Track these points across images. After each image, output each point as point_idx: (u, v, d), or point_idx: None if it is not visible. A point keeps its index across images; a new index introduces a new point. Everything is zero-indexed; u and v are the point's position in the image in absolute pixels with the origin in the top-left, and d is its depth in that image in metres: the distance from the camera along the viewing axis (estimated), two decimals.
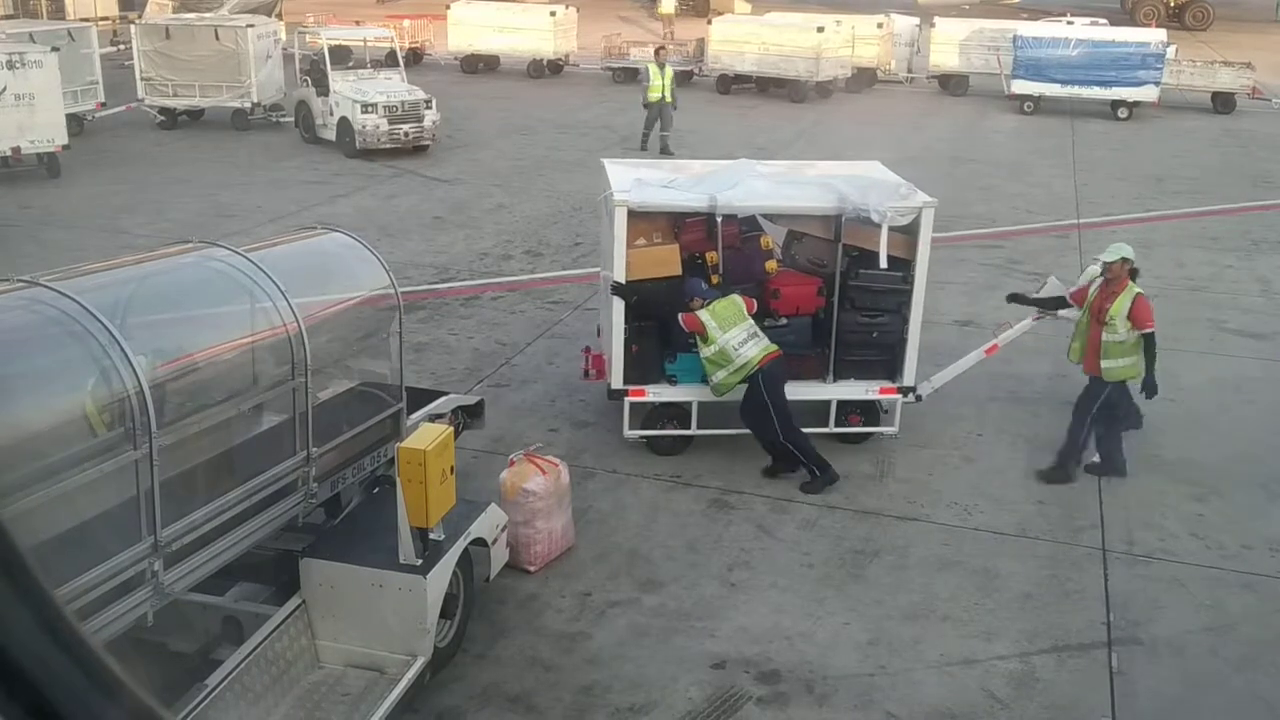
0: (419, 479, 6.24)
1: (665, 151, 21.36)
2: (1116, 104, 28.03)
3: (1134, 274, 9.20)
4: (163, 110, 24.24)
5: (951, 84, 31.14)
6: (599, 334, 10.54)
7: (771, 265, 9.74)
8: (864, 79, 31.17)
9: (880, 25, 31.68)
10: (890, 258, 9.35)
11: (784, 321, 9.58)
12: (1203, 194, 20.36)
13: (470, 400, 9.06)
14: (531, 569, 7.90)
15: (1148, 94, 27.86)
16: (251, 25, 24.52)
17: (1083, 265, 15.43)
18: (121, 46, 30.43)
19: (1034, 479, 9.45)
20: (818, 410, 9.71)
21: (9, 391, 5.09)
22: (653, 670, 6.91)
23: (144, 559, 5.38)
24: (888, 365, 9.82)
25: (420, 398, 8.42)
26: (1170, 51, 28.64)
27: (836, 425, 9.73)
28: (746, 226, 9.91)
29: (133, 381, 5.23)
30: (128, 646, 5.46)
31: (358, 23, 31.46)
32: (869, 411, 9.92)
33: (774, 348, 8.96)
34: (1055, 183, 21.02)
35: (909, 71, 32.76)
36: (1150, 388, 9.23)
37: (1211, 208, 19.29)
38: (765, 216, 10.12)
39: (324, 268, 7.66)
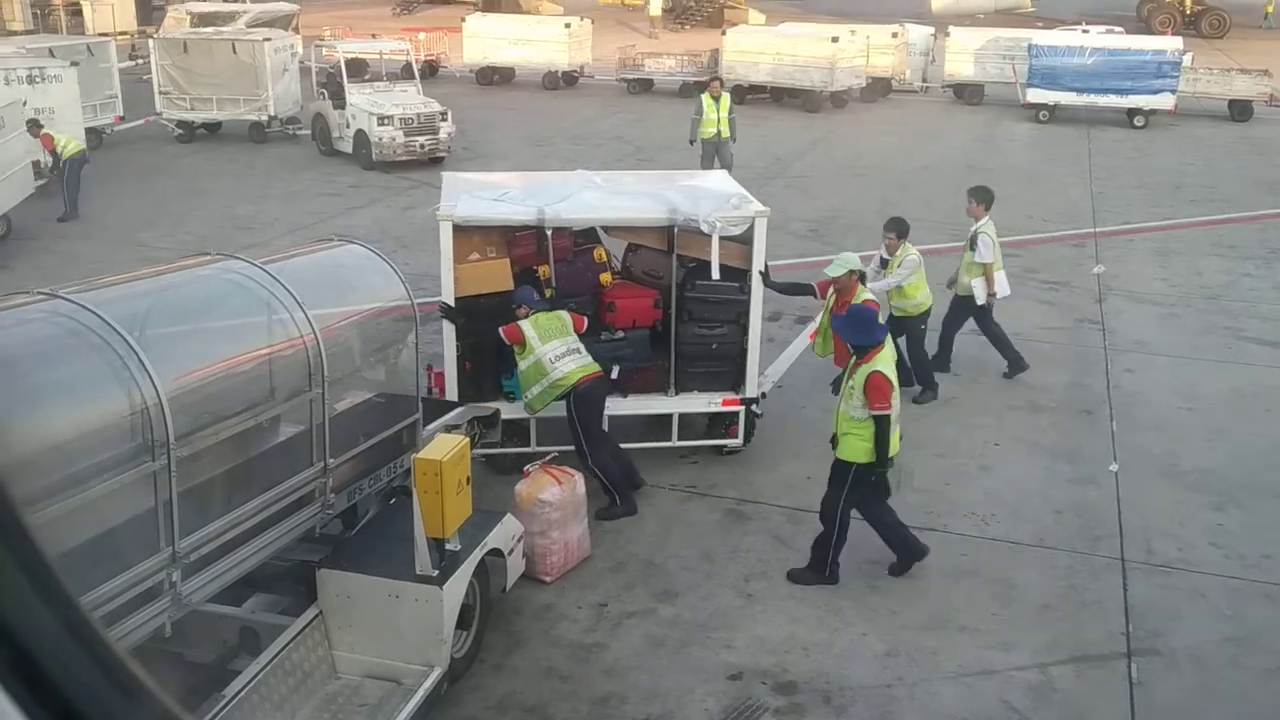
0: (435, 489, 6.25)
1: None
2: (1132, 112, 27.91)
3: (863, 277, 9.27)
4: (180, 123, 24.41)
5: (966, 93, 31.09)
6: None
7: (606, 278, 9.58)
8: (879, 88, 31.15)
9: (895, 35, 31.66)
10: (728, 268, 9.23)
11: (620, 335, 9.41)
12: (1220, 202, 20.26)
13: (486, 411, 9.07)
14: (547, 579, 7.90)
15: (1164, 102, 27.73)
16: (268, 39, 24.70)
17: (1099, 276, 15.41)
18: (140, 61, 30.67)
19: (1053, 488, 9.41)
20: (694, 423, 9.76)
21: (30, 403, 5.13)
22: (669, 681, 6.90)
23: (163, 569, 5.41)
24: (731, 377, 9.64)
25: (436, 408, 8.44)
26: (1186, 59, 28.52)
27: (714, 437, 9.71)
28: (584, 239, 9.77)
29: (151, 393, 5.26)
30: (146, 657, 5.48)
31: (374, 36, 31.64)
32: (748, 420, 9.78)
33: (595, 368, 8.71)
34: (1071, 191, 20.96)
35: (924, 81, 32.71)
36: None
37: (1229, 215, 19.19)
38: (604, 229, 9.94)
39: (341, 279, 7.69)
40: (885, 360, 7.64)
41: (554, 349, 8.59)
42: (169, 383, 5.39)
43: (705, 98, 19.29)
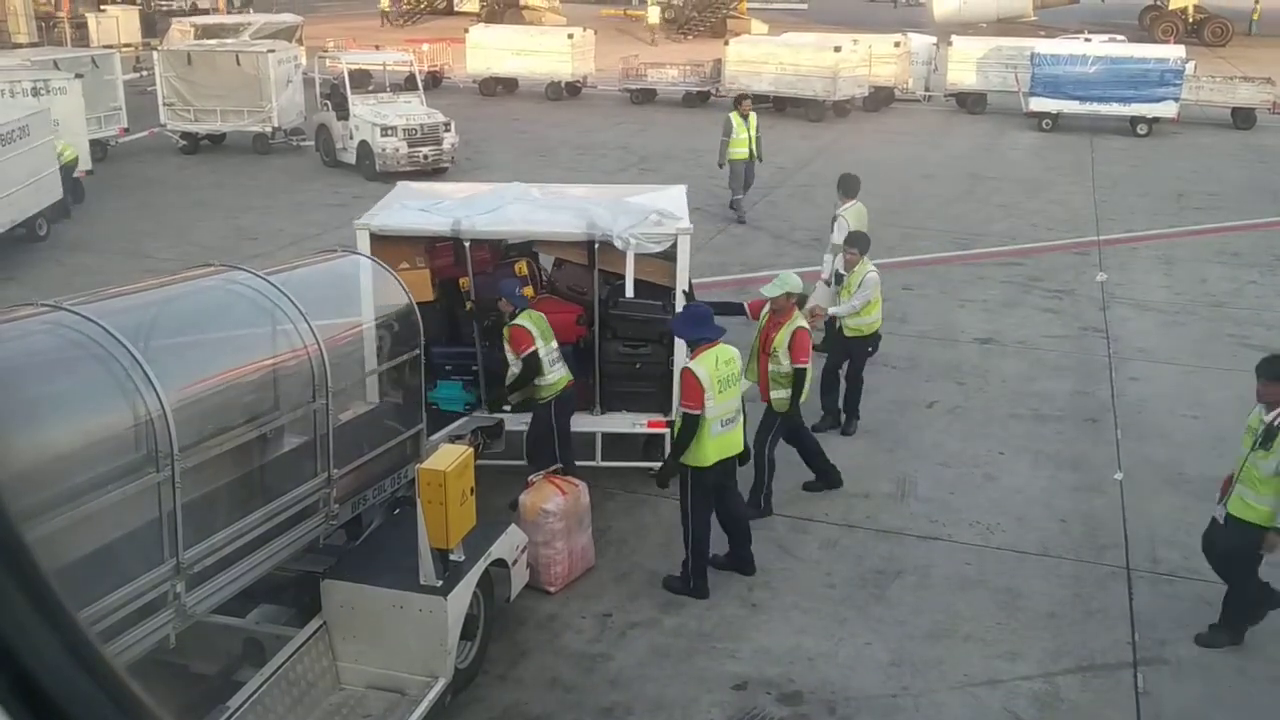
0: (439, 500, 6.26)
1: (739, 215, 18.31)
2: (1135, 120, 27.91)
3: (802, 302, 8.99)
4: (185, 135, 24.47)
5: (969, 102, 31.09)
6: None
7: (528, 291, 9.40)
8: (881, 98, 31.16)
9: (897, 44, 31.67)
10: (653, 286, 9.07)
11: None
12: (1224, 209, 20.25)
13: (490, 421, 9.07)
14: (551, 590, 7.89)
15: (1167, 110, 27.71)
16: (272, 50, 24.74)
17: (1103, 284, 15.40)
18: (144, 72, 30.76)
19: (1058, 497, 9.38)
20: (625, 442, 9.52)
21: (34, 414, 5.14)
22: (674, 691, 6.89)
23: (166, 581, 5.41)
24: (658, 398, 9.30)
25: (440, 419, 8.44)
26: (1189, 67, 28.51)
27: (650, 458, 9.44)
28: (518, 253, 9.71)
29: (155, 404, 5.26)
30: (150, 669, 5.48)
31: (377, 47, 31.76)
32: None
33: (570, 375, 8.75)
34: (1075, 199, 20.95)
35: (926, 90, 32.71)
36: (791, 420, 8.93)
37: (1233, 223, 19.18)
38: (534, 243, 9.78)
39: (344, 290, 7.72)
40: (704, 360, 7.53)
41: (550, 351, 8.57)
42: (173, 394, 5.40)
43: (734, 117, 18.20)
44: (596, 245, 8.99)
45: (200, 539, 5.60)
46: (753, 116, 18.33)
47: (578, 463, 8.97)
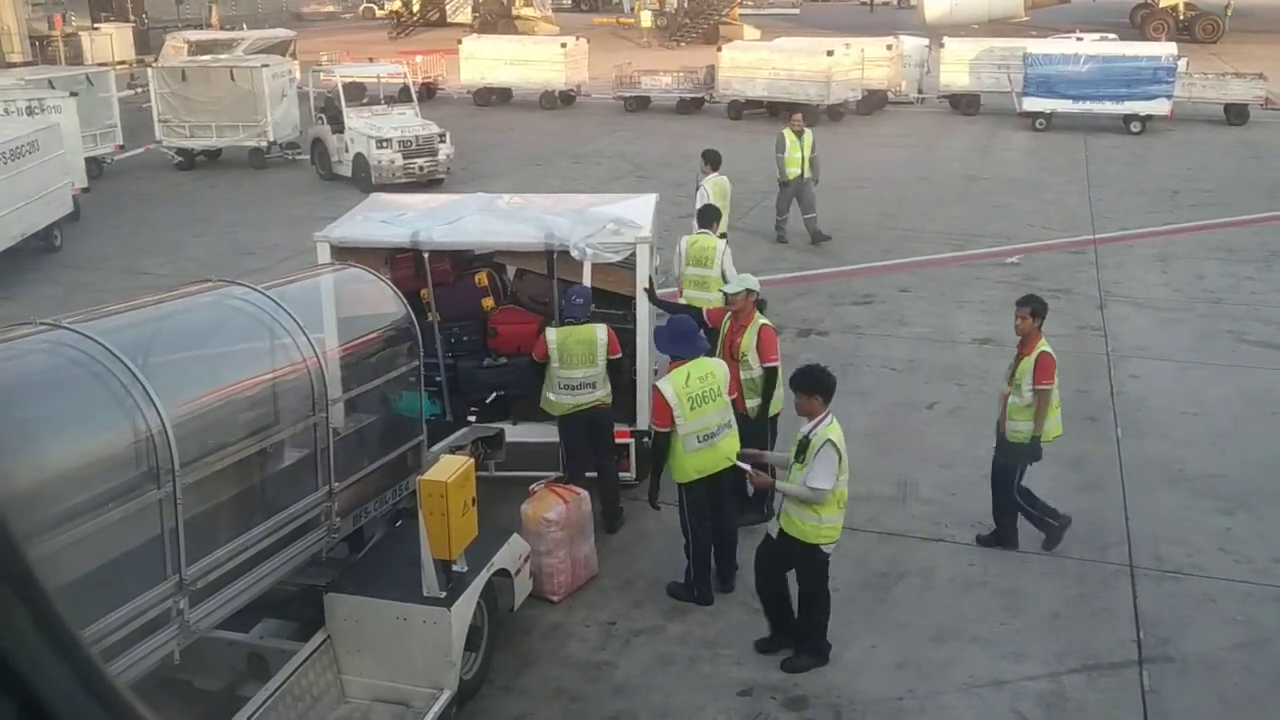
0: (441, 511, 6.25)
1: (819, 238, 17.42)
2: (1129, 118, 27.95)
3: (761, 305, 8.84)
4: (180, 151, 24.52)
5: (963, 103, 31.15)
6: None
7: (488, 303, 9.45)
8: (875, 101, 31.20)
9: (889, 47, 31.73)
10: (613, 296, 9.03)
11: (504, 361, 9.25)
12: (1219, 206, 20.27)
13: (490, 431, 9.06)
14: (555, 599, 7.88)
15: (1160, 107, 27.77)
16: (266, 65, 24.81)
17: (1100, 282, 15.41)
18: (139, 89, 30.83)
19: (1060, 496, 9.38)
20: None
21: (35, 433, 5.13)
22: (679, 698, 6.88)
23: (169, 597, 5.40)
24: (624, 408, 9.19)
25: (440, 430, 8.44)
26: (1181, 64, 28.58)
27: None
28: (480, 263, 9.69)
29: (155, 421, 5.26)
30: (154, 685, 5.47)
31: (371, 60, 31.80)
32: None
33: (598, 401, 8.64)
34: (1070, 198, 20.98)
35: (919, 92, 32.78)
36: (758, 422, 8.60)
37: (1228, 219, 19.19)
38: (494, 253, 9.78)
39: (342, 302, 7.72)
40: (674, 378, 7.53)
41: (569, 377, 8.53)
42: (173, 410, 5.40)
43: (787, 133, 17.10)
44: (555, 255, 9.00)
45: (202, 555, 5.60)
46: (808, 134, 17.21)
47: (541, 474, 8.91)
